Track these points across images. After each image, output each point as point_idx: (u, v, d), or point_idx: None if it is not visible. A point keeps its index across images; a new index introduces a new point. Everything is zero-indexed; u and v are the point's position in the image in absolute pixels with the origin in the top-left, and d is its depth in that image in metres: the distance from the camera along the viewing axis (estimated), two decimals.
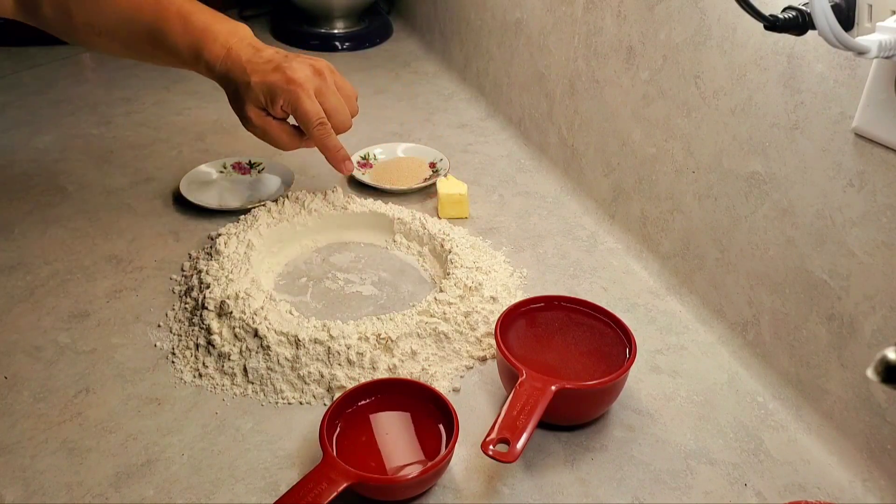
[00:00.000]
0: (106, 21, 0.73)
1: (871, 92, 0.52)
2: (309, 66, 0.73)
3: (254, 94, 0.72)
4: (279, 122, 0.75)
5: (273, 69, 0.72)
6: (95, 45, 0.76)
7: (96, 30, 0.73)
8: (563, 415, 0.58)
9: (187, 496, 0.53)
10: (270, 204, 0.80)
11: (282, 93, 0.71)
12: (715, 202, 0.68)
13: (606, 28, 0.81)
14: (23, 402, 0.60)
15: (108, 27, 0.73)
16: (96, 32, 0.73)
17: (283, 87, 0.71)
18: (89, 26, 0.73)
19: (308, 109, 0.72)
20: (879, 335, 0.54)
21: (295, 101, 0.71)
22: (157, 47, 0.73)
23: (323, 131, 0.74)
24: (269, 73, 0.72)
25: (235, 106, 0.75)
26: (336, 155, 0.76)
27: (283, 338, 0.62)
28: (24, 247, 0.78)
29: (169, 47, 0.73)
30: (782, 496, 0.54)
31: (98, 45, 0.75)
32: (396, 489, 0.52)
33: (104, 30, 0.73)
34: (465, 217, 0.84)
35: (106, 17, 0.72)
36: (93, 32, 0.73)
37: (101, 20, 0.73)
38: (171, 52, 0.73)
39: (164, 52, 0.74)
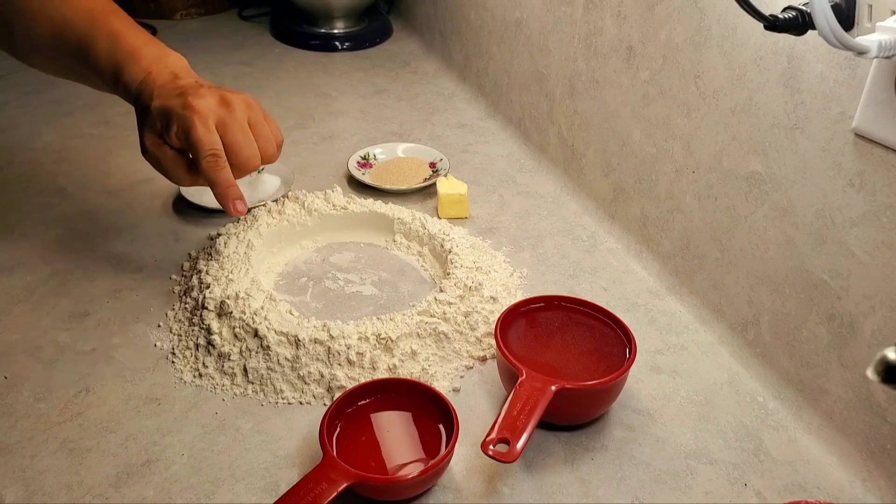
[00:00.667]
0: (42, 37, 0.69)
1: (871, 92, 0.52)
2: (217, 96, 0.65)
3: (151, 119, 0.65)
4: (175, 152, 0.66)
5: (177, 94, 0.65)
6: (35, 63, 0.74)
7: (33, 45, 0.71)
8: (563, 415, 0.58)
9: (187, 496, 0.53)
10: (270, 204, 0.80)
11: (176, 118, 0.63)
12: (715, 202, 0.68)
13: (606, 28, 0.81)
14: (23, 402, 0.60)
15: (44, 44, 0.70)
16: (33, 48, 0.71)
17: (178, 113, 0.63)
18: (27, 42, 0.70)
19: (200, 137, 0.63)
20: (879, 335, 0.54)
21: (188, 128, 0.63)
22: (83, 65, 0.69)
23: (213, 163, 0.63)
24: (171, 97, 0.64)
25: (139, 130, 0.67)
26: (225, 192, 0.65)
27: (283, 338, 0.62)
28: (24, 247, 0.78)
29: (92, 66, 0.68)
30: (782, 496, 0.54)
31: (36, 62, 0.73)
32: (396, 489, 0.52)
33: (41, 46, 0.70)
34: (465, 217, 0.84)
35: (42, 32, 0.69)
36: (31, 48, 0.71)
37: (38, 36, 0.69)
38: (95, 72, 0.69)
39: (89, 71, 0.69)
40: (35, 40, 0.70)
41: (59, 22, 0.68)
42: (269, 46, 1.35)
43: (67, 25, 0.68)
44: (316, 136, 1.03)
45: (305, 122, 1.07)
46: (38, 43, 0.70)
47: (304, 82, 1.21)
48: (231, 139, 0.64)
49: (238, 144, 0.65)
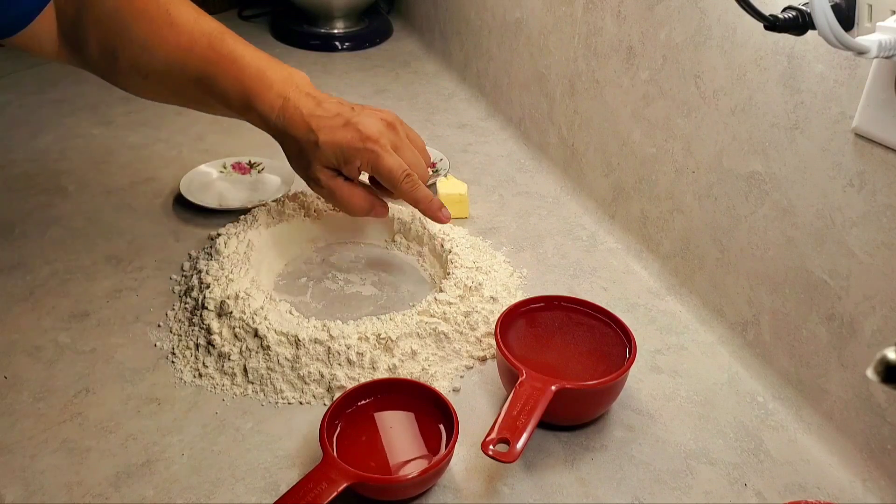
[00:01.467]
0: (153, 64, 0.67)
1: (871, 92, 0.52)
2: (380, 120, 0.68)
3: (323, 154, 0.66)
4: (349, 183, 0.69)
5: (342, 125, 0.66)
6: (140, 90, 0.71)
7: (142, 73, 0.68)
8: (563, 415, 0.58)
9: (187, 496, 0.53)
10: (270, 204, 0.80)
11: (358, 153, 0.66)
12: (715, 202, 0.68)
13: (606, 28, 0.81)
14: (23, 402, 0.60)
15: (155, 71, 0.67)
16: (142, 76, 0.68)
17: (358, 147, 0.66)
18: (135, 69, 0.67)
19: (392, 165, 0.66)
20: (879, 335, 0.54)
21: (375, 160, 0.66)
22: (206, 93, 0.68)
23: (411, 183, 0.68)
24: (337, 129, 0.66)
25: (298, 164, 0.69)
26: (430, 205, 0.70)
27: (283, 338, 0.62)
28: (24, 247, 0.78)
29: (219, 94, 0.67)
30: (782, 496, 0.54)
31: (143, 89, 0.71)
32: (396, 489, 0.52)
33: (151, 73, 0.68)
34: (465, 217, 0.84)
35: (154, 60, 0.66)
36: (139, 76, 0.68)
37: (148, 63, 0.67)
38: (221, 100, 0.68)
39: (213, 100, 0.68)
40: (145, 69, 0.68)
41: (173, 51, 0.66)
42: (269, 46, 1.35)
43: (184, 54, 0.66)
44: None
45: None
46: (148, 71, 0.68)
47: None
48: (406, 158, 0.68)
49: (414, 161, 0.69)
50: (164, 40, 0.66)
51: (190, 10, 0.68)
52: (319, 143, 0.66)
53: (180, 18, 0.67)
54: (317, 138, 0.66)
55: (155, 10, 0.66)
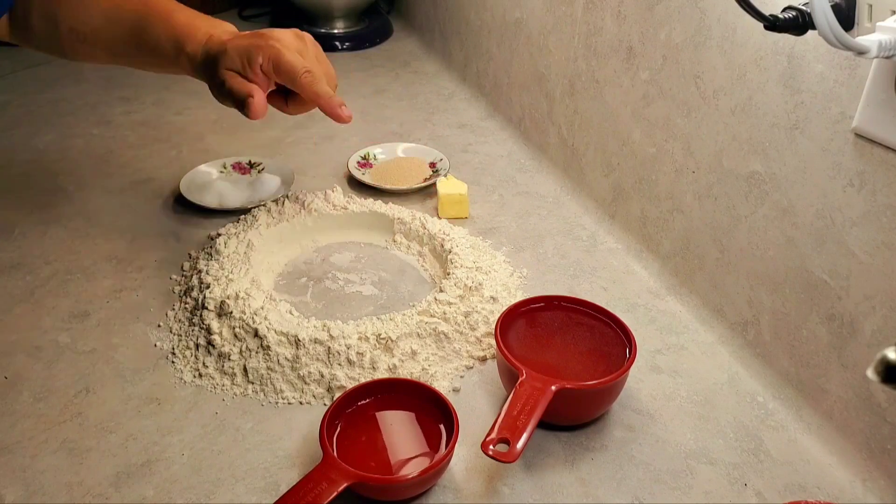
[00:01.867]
0: (90, 24, 0.72)
1: (871, 92, 0.52)
2: (290, 31, 0.70)
3: (228, 57, 0.67)
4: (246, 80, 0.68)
5: (252, 36, 0.69)
6: (79, 53, 0.75)
7: (80, 35, 0.72)
8: (563, 415, 0.58)
9: (187, 496, 0.53)
10: (270, 204, 0.80)
11: (260, 49, 0.67)
12: (715, 202, 0.68)
13: (606, 28, 0.81)
14: (23, 402, 0.60)
15: (91, 30, 0.72)
16: (80, 38, 0.73)
17: (261, 44, 0.67)
18: (73, 32, 0.72)
19: (292, 60, 0.67)
20: (879, 335, 0.54)
21: (276, 56, 0.67)
22: (140, 47, 0.72)
23: (311, 78, 0.67)
24: (246, 37, 0.68)
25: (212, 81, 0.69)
26: (330, 101, 0.69)
27: (283, 338, 0.62)
28: (24, 247, 0.78)
29: (151, 45, 0.71)
30: (782, 496, 0.54)
31: (82, 52, 0.75)
32: (396, 489, 0.52)
33: (88, 33, 0.72)
34: (465, 217, 0.84)
35: (90, 19, 0.72)
36: (77, 39, 0.73)
37: (85, 24, 0.72)
38: (153, 50, 0.71)
39: (146, 52, 0.72)
40: (82, 29, 0.72)
41: (111, 8, 0.71)
42: None
43: (119, 10, 0.71)
44: (316, 136, 1.03)
45: (305, 122, 1.07)
46: (86, 32, 0.72)
47: None
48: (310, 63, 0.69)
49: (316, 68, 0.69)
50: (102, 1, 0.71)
51: None
52: (227, 47, 0.68)
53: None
54: (225, 47, 0.68)
55: None
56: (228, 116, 1.08)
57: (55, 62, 1.22)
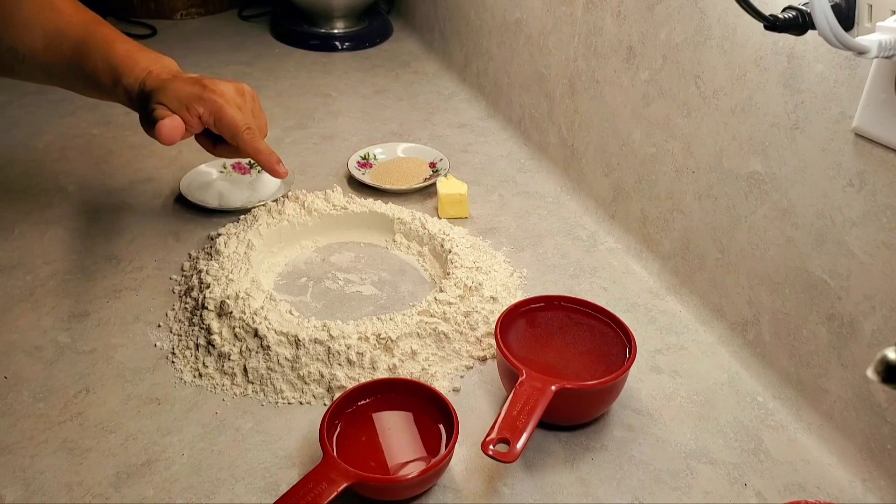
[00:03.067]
0: (30, 45, 0.71)
1: (871, 92, 0.52)
2: (232, 85, 0.72)
3: (166, 95, 0.68)
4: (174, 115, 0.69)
5: (193, 82, 0.69)
6: (17, 73, 0.74)
7: (20, 56, 0.72)
8: (563, 415, 0.58)
9: (187, 496, 0.53)
10: (270, 204, 0.80)
11: (202, 101, 0.68)
12: (715, 202, 0.68)
13: (606, 28, 0.81)
14: (23, 402, 0.60)
15: (31, 52, 0.71)
16: (19, 59, 0.72)
17: (204, 97, 0.68)
18: (13, 51, 0.71)
19: (234, 116, 0.70)
20: (879, 335, 0.54)
21: (219, 111, 0.69)
22: (77, 73, 0.72)
23: (252, 134, 0.71)
24: (187, 84, 0.69)
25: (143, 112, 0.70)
26: (270, 158, 0.73)
27: (283, 338, 0.62)
28: (24, 247, 0.78)
29: (89, 72, 0.71)
30: (782, 496, 0.54)
31: (20, 72, 0.74)
32: (396, 489, 0.52)
33: (28, 54, 0.71)
34: (465, 217, 0.84)
35: (31, 40, 0.71)
36: (16, 58, 0.72)
37: (26, 44, 0.71)
38: (90, 78, 0.71)
39: (82, 78, 0.72)
40: (22, 49, 0.71)
41: (53, 31, 0.71)
42: (269, 46, 1.35)
43: (61, 34, 0.71)
44: (316, 136, 1.03)
45: (305, 122, 1.07)
46: (25, 52, 0.72)
47: (304, 82, 1.21)
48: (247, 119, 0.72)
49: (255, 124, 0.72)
50: (46, 20, 0.71)
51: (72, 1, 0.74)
52: (166, 85, 0.68)
53: (62, 4, 0.72)
54: (164, 84, 0.68)
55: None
56: None
57: None
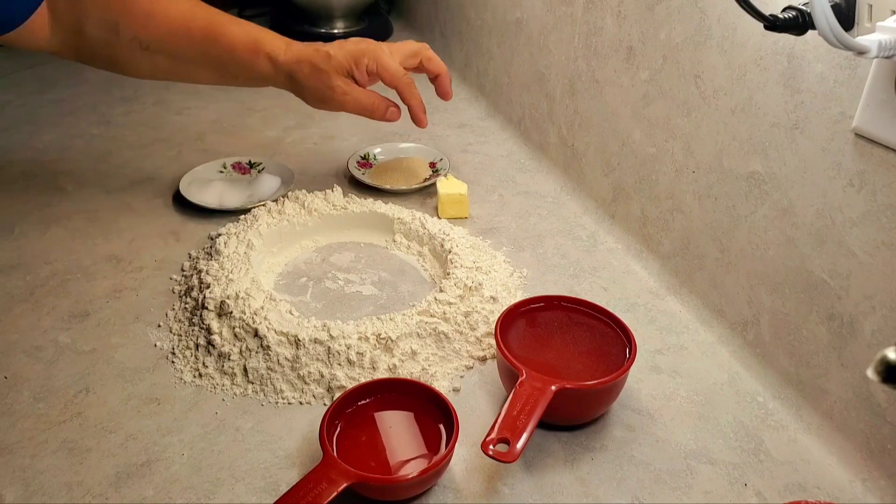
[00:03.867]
0: (156, 31, 0.74)
1: (871, 92, 0.52)
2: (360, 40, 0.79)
3: (337, 61, 0.75)
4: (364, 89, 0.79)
5: (345, 42, 0.77)
6: (137, 63, 0.76)
7: (143, 44, 0.74)
8: (563, 415, 0.58)
9: (187, 496, 0.53)
10: (270, 204, 0.80)
11: (364, 53, 0.76)
12: (715, 202, 0.68)
13: (606, 28, 0.81)
14: (23, 402, 0.60)
15: (157, 38, 0.74)
16: (143, 47, 0.74)
17: (363, 48, 0.76)
18: (136, 40, 0.74)
19: (394, 63, 0.78)
20: (879, 335, 0.54)
21: (379, 58, 0.77)
22: (209, 51, 0.75)
23: (409, 81, 0.79)
24: (342, 43, 0.77)
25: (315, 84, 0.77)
26: (421, 105, 0.82)
27: (283, 338, 0.62)
28: (24, 247, 0.78)
29: (226, 43, 0.75)
30: (782, 496, 0.54)
31: (140, 62, 0.76)
32: (396, 489, 0.52)
33: (153, 41, 0.74)
34: (465, 217, 0.84)
35: (157, 26, 0.74)
36: (139, 47, 0.74)
37: (152, 31, 0.74)
38: (227, 49, 0.75)
39: (215, 54, 0.75)
40: (146, 37, 0.74)
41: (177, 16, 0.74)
42: None
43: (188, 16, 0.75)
44: (316, 136, 1.03)
45: (305, 122, 1.07)
46: (150, 40, 0.74)
47: None
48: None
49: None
50: (167, 7, 0.74)
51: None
52: (331, 53, 0.76)
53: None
54: (327, 51, 0.76)
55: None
56: (228, 116, 1.08)
57: (55, 62, 1.22)
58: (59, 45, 0.74)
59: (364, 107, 0.79)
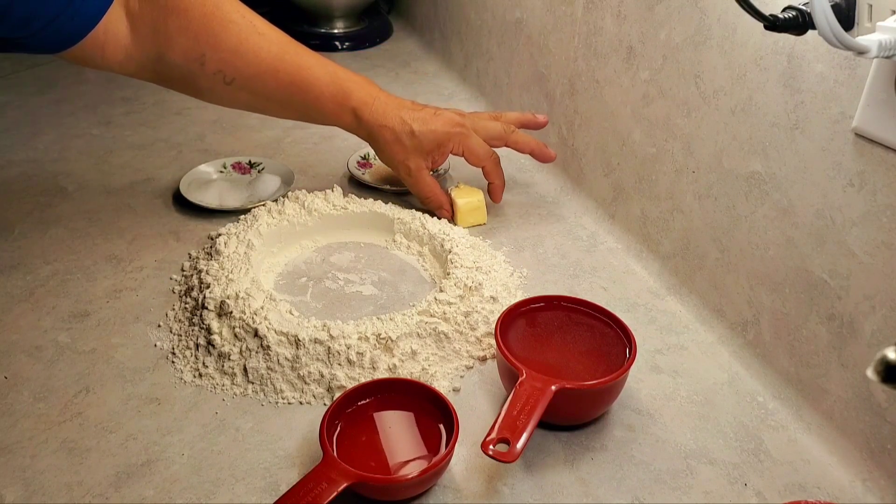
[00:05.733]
0: (244, 69, 0.73)
1: (871, 92, 0.52)
2: (456, 113, 0.80)
3: (418, 141, 0.77)
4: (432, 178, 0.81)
5: (433, 115, 0.78)
6: (219, 95, 0.76)
7: (227, 79, 0.73)
8: (563, 415, 0.58)
9: (187, 496, 0.53)
10: (270, 204, 0.80)
11: (451, 137, 0.77)
12: (715, 202, 0.68)
13: (606, 28, 0.81)
14: (23, 402, 0.60)
15: (242, 76, 0.73)
16: (226, 81, 0.73)
17: (451, 131, 0.77)
18: (220, 74, 0.73)
19: (480, 144, 0.79)
20: (879, 335, 0.54)
21: (465, 141, 0.78)
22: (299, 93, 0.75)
23: (497, 161, 0.81)
24: (429, 119, 0.77)
25: (393, 153, 0.78)
26: (503, 184, 0.84)
27: (283, 338, 0.62)
28: (24, 247, 0.78)
29: (315, 92, 0.75)
30: (782, 496, 0.54)
31: (222, 94, 0.75)
32: (396, 489, 0.52)
33: (238, 78, 0.73)
34: (483, 223, 0.83)
35: (246, 65, 0.73)
36: (222, 81, 0.73)
37: (239, 68, 0.73)
38: (314, 98, 0.75)
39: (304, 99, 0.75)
40: (232, 74, 0.73)
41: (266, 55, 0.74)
42: None
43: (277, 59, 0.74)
44: (316, 136, 1.03)
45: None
46: (235, 76, 0.74)
47: None
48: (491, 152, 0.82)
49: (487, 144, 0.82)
50: (257, 47, 0.73)
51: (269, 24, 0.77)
52: (415, 131, 0.77)
53: (265, 28, 0.76)
54: (412, 128, 0.77)
55: (241, 20, 0.74)
56: (228, 116, 1.08)
57: (55, 62, 1.22)
58: (135, 69, 0.73)
59: (425, 197, 0.81)
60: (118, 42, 0.70)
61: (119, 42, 0.70)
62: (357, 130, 0.78)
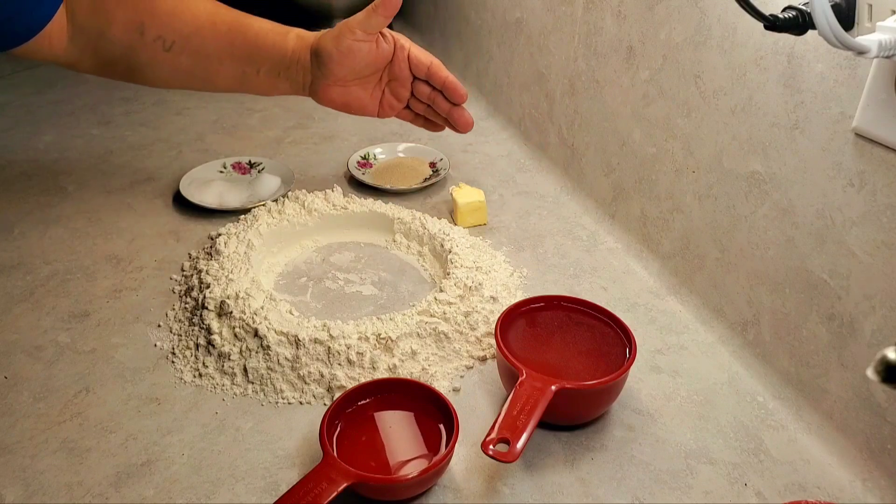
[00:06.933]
0: (182, 29, 0.74)
1: (871, 92, 0.52)
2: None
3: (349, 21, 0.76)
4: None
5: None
6: (158, 67, 0.76)
7: (167, 44, 0.74)
8: (563, 415, 0.58)
9: (187, 496, 0.53)
10: (270, 204, 0.80)
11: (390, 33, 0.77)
12: (715, 202, 0.68)
13: (606, 28, 0.81)
14: (23, 402, 0.60)
15: (181, 37, 0.74)
16: (166, 48, 0.74)
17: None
18: (160, 39, 0.74)
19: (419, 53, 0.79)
20: (879, 335, 0.54)
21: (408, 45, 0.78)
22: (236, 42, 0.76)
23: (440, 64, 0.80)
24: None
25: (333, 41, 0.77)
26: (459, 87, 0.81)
27: (283, 338, 0.62)
28: (24, 247, 0.78)
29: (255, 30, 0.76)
30: (782, 496, 0.54)
31: (161, 65, 0.76)
32: (396, 489, 0.52)
33: (177, 40, 0.74)
34: (484, 224, 0.84)
35: (183, 24, 0.74)
36: (162, 48, 0.74)
37: (177, 29, 0.74)
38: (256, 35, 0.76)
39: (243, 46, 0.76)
40: (171, 37, 0.74)
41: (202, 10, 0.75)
42: None
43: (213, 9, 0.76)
44: (316, 136, 1.03)
45: (305, 122, 1.07)
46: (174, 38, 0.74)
47: None
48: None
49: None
50: (193, 6, 0.75)
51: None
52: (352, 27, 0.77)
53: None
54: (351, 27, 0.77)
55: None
56: (228, 116, 1.08)
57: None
58: (78, 55, 0.74)
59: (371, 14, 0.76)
60: (62, 29, 0.72)
61: (63, 28, 0.72)
62: (302, 51, 0.78)
